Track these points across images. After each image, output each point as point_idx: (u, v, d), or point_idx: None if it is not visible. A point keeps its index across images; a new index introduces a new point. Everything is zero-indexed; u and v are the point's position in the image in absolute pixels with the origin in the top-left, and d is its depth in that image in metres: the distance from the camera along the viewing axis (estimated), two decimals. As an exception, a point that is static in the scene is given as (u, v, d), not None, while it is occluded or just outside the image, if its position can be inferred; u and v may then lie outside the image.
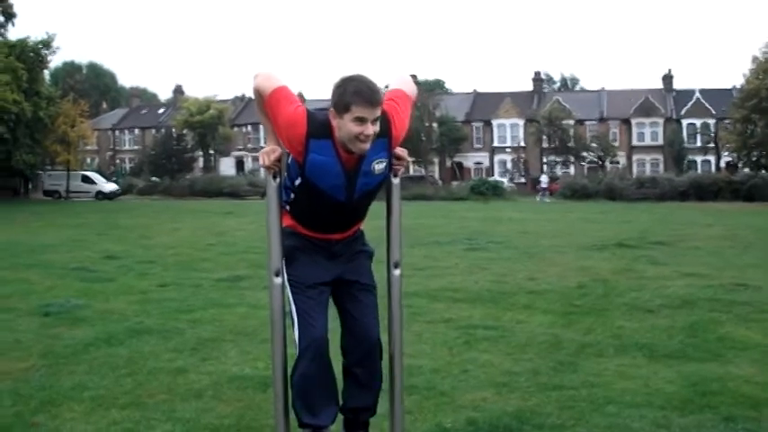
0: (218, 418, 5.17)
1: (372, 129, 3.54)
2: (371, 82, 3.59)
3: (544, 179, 58.08)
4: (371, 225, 4.00)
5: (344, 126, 3.53)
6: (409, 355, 3.95)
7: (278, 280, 3.69)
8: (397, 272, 3.91)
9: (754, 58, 53.85)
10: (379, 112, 3.56)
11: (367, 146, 3.57)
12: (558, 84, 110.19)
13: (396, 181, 3.87)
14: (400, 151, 3.85)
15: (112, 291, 10.93)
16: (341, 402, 4.08)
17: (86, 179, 62.46)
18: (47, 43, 52.35)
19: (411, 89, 4.00)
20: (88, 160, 79.59)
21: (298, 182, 3.73)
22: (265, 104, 3.73)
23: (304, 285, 3.82)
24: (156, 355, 6.92)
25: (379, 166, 3.71)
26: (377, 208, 4.01)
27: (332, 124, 3.59)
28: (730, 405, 5.37)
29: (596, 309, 9.35)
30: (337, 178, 3.64)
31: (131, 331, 7.95)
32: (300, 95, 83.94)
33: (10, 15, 55.14)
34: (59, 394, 5.71)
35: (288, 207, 3.87)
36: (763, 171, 53.49)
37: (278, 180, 3.71)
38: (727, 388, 5.81)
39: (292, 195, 3.81)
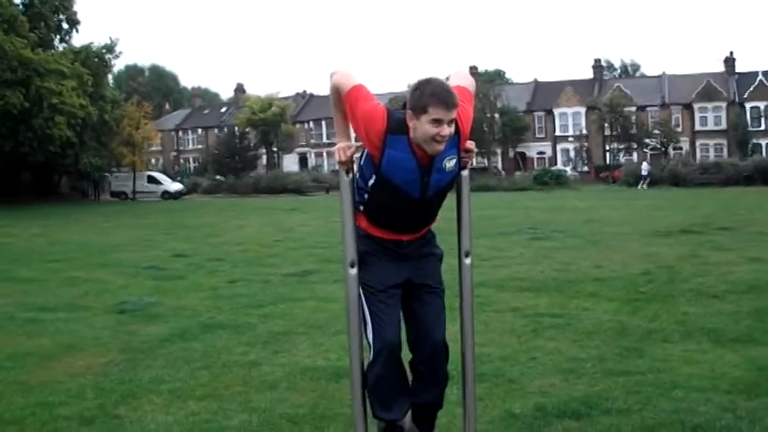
0: (293, 407, 5.33)
1: (448, 130, 3.64)
2: (447, 84, 3.71)
3: (645, 167, 55.96)
4: (441, 216, 4.10)
5: (421, 127, 3.64)
6: (478, 343, 4.05)
7: (353, 271, 3.81)
8: (467, 260, 4.00)
9: (820, 38, 52.77)
10: (454, 114, 3.66)
11: (442, 147, 3.67)
12: (619, 70, 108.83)
13: (465, 173, 3.98)
14: (468, 144, 3.97)
15: (183, 288, 11.21)
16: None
17: (152, 179, 63.45)
18: (110, 48, 53.43)
19: (470, 83, 4.11)
20: (153, 161, 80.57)
21: (372, 181, 3.83)
22: (344, 101, 3.86)
23: (376, 289, 3.92)
24: (229, 349, 7.13)
25: (450, 164, 3.80)
26: (447, 200, 4.12)
27: (408, 123, 3.70)
28: (798, 389, 5.40)
29: (661, 295, 9.38)
30: (412, 174, 3.74)
31: (204, 326, 8.18)
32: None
33: (74, 22, 56.34)
34: (139, 387, 5.93)
35: (361, 208, 3.96)
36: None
37: (350, 175, 3.83)
38: (794, 372, 5.83)
39: (366, 196, 3.90)
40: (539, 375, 5.96)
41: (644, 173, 54.78)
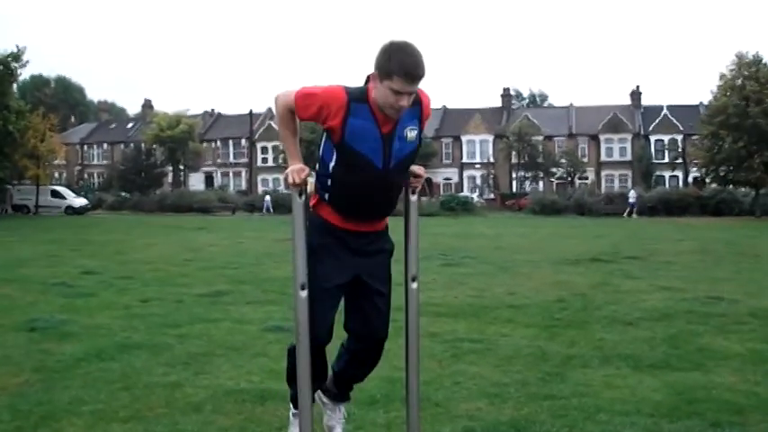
0: (221, 430, 5.25)
1: (406, 103, 3.72)
2: (419, 56, 3.72)
3: (633, 194, 56.07)
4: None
5: (382, 91, 3.69)
6: (399, 368, 4.07)
7: (303, 294, 3.77)
8: (414, 285, 4.03)
9: (722, 75, 54.43)
10: (416, 88, 3.73)
11: (398, 114, 3.76)
12: (527, 100, 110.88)
13: (413, 198, 4.01)
14: (417, 169, 4.03)
15: (96, 306, 10.95)
16: (335, 368, 4.33)
17: (56, 194, 62.24)
18: (16, 56, 51.84)
19: None
20: (57, 175, 79.00)
21: (333, 162, 3.87)
22: (296, 107, 3.87)
23: (321, 287, 3.93)
24: (148, 370, 6.98)
25: (411, 134, 3.88)
26: (394, 225, 4.13)
27: (368, 92, 3.77)
28: (716, 412, 5.57)
29: (577, 322, 9.53)
30: (374, 142, 3.79)
31: (121, 346, 7.99)
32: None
33: (-22, 29, 54.80)
34: (58, 409, 5.75)
35: (326, 197, 3.97)
36: (731, 186, 54.15)
37: (303, 198, 3.81)
38: (712, 396, 6.01)
39: (329, 182, 3.92)
40: (464, 399, 5.98)
41: (631, 200, 55.05)
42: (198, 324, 9.40)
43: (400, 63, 3.62)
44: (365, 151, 3.79)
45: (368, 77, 3.82)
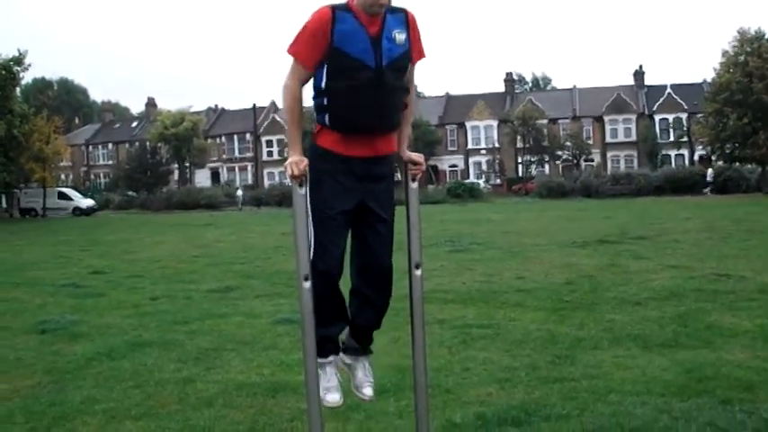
0: (233, 424, 5.29)
1: None
2: None
3: (710, 173, 55.45)
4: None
5: None
6: (408, 356, 4.07)
7: (307, 284, 3.77)
8: (418, 272, 4.03)
9: (724, 52, 54.32)
10: None
11: (381, 9, 3.87)
12: (530, 84, 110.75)
13: (414, 185, 4.01)
14: (417, 156, 4.06)
15: (105, 305, 11.00)
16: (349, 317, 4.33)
17: (63, 196, 62.33)
18: (18, 60, 51.89)
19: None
20: (63, 177, 79.14)
21: (325, 78, 3.93)
22: (297, 60, 3.95)
23: (326, 215, 3.96)
24: (160, 367, 7.02)
25: (400, 36, 3.95)
26: (396, 215, 4.15)
27: (349, 2, 3.90)
28: (726, 389, 5.59)
29: (586, 304, 9.55)
30: (363, 42, 3.87)
31: (131, 344, 8.04)
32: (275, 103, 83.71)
33: (-20, 33, 54.86)
34: (71, 409, 5.79)
35: (326, 119, 4.00)
36: (737, 164, 53.97)
37: (304, 189, 3.81)
38: (721, 373, 6.02)
39: (325, 100, 3.97)
40: (474, 385, 6.01)
41: (709, 178, 54.82)
42: (207, 320, 9.45)
43: None
44: (355, 52, 3.87)
45: None
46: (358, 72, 3.86)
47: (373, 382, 4.31)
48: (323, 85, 3.93)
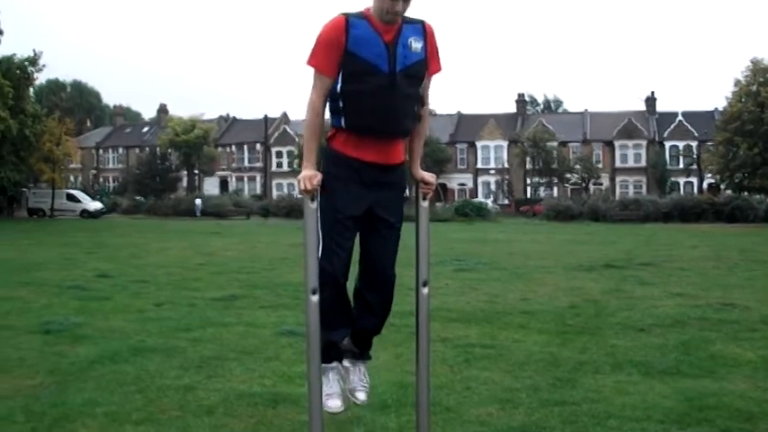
0: (233, 433, 5.29)
1: (401, 7, 3.91)
2: None
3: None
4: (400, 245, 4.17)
5: (378, 3, 3.92)
6: (410, 372, 4.08)
7: (314, 298, 3.80)
8: (425, 290, 4.06)
9: (737, 81, 54.52)
10: None
11: (396, 18, 3.94)
12: (542, 106, 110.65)
13: (424, 204, 4.05)
14: (429, 176, 4.11)
15: (110, 309, 11.02)
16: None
17: (71, 197, 62.51)
18: (33, 61, 52.22)
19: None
20: (72, 178, 79.33)
21: (340, 78, 3.98)
22: (317, 70, 4.02)
23: (335, 219, 4.02)
24: (162, 373, 7.03)
25: (415, 44, 4.03)
26: (406, 232, 4.16)
27: (365, 10, 3.99)
28: (726, 419, 5.58)
29: (589, 328, 9.54)
30: (377, 47, 3.94)
31: (134, 349, 8.06)
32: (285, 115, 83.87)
33: (-3, 32, 55.09)
34: (72, 411, 5.80)
35: (342, 121, 4.06)
36: (745, 193, 53.95)
37: (315, 203, 3.84)
38: (723, 403, 6.01)
39: (340, 104, 4.02)
40: (475, 404, 6.01)
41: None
42: (211, 328, 9.45)
43: None
44: (369, 56, 3.93)
45: None
46: (371, 76, 3.93)
47: (367, 387, 4.37)
48: (338, 88, 3.99)
